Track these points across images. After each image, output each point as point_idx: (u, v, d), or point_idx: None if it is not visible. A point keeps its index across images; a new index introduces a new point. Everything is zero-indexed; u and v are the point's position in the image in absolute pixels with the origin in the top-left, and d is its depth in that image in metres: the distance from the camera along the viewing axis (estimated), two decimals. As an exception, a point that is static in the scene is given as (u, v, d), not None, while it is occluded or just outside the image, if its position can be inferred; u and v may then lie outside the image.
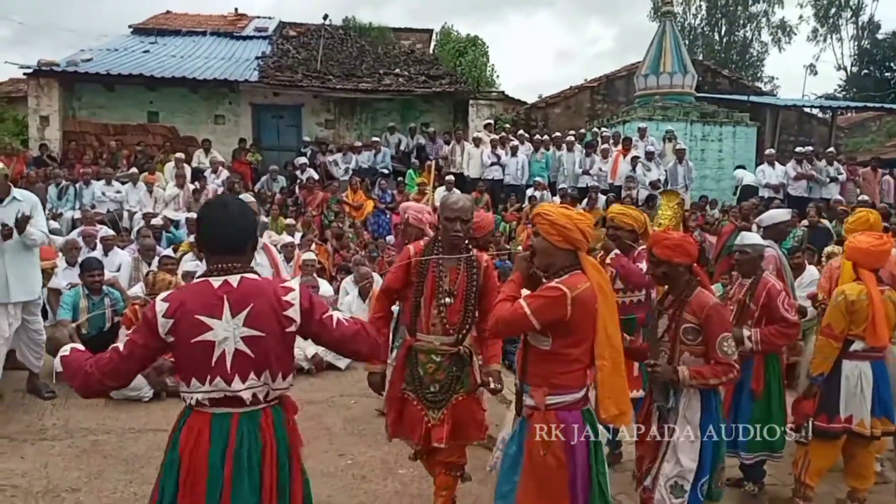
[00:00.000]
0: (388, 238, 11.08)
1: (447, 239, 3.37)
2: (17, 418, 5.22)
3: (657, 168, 13.19)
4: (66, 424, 5.17)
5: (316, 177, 13.44)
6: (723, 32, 33.96)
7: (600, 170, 13.34)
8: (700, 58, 24.54)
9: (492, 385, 3.47)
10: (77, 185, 11.35)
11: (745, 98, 17.24)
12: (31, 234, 5.01)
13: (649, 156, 13.21)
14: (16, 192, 5.31)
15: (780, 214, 5.39)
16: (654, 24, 20.39)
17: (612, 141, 13.89)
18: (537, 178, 13.01)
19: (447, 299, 3.37)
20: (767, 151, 13.85)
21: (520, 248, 10.73)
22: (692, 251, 3.26)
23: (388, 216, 12.31)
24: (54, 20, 60.60)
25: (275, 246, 9.28)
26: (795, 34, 33.20)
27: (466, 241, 3.44)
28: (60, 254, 7.47)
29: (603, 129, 15.17)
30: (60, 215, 10.53)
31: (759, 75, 33.22)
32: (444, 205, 3.42)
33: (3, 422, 5.11)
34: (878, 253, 3.81)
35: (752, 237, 4.29)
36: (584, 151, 13.75)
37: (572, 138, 14.00)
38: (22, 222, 4.77)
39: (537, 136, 14.57)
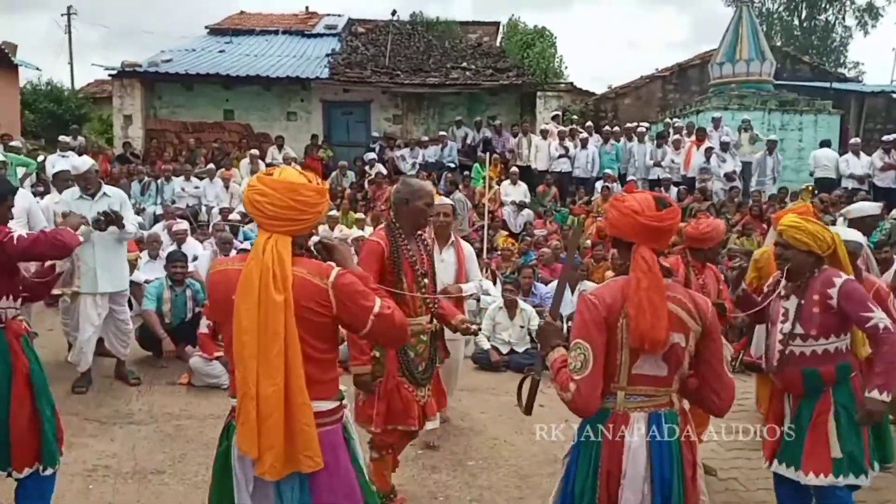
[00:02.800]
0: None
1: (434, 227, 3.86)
2: (107, 403, 5.50)
3: (732, 159, 12.76)
4: (151, 409, 5.42)
5: (384, 172, 13.61)
6: (803, 17, 32.44)
7: (672, 161, 13.00)
8: (779, 44, 23.55)
9: (473, 328, 3.73)
10: (158, 182, 11.87)
11: (827, 85, 16.45)
12: (126, 228, 5.27)
13: (724, 146, 12.78)
14: (105, 188, 5.60)
15: (869, 207, 5.13)
16: (729, 10, 19.70)
17: (684, 131, 13.51)
18: (607, 171, 12.78)
19: (425, 280, 3.56)
20: (852, 140, 13.18)
21: (588, 241, 10.57)
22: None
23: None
24: (137, 24, 63.50)
25: (345, 240, 9.51)
26: (882, 16, 31.40)
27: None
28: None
29: (675, 119, 14.76)
30: (143, 210, 11.03)
31: (842, 61, 31.61)
32: (424, 194, 3.61)
33: (93, 406, 5.40)
34: None
35: (851, 233, 3.92)
36: (655, 142, 13.44)
37: (643, 129, 13.69)
38: (117, 219, 5.02)
39: (606, 128, 14.32)
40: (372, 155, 14.30)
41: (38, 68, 21.37)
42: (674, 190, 12.10)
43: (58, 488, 3.96)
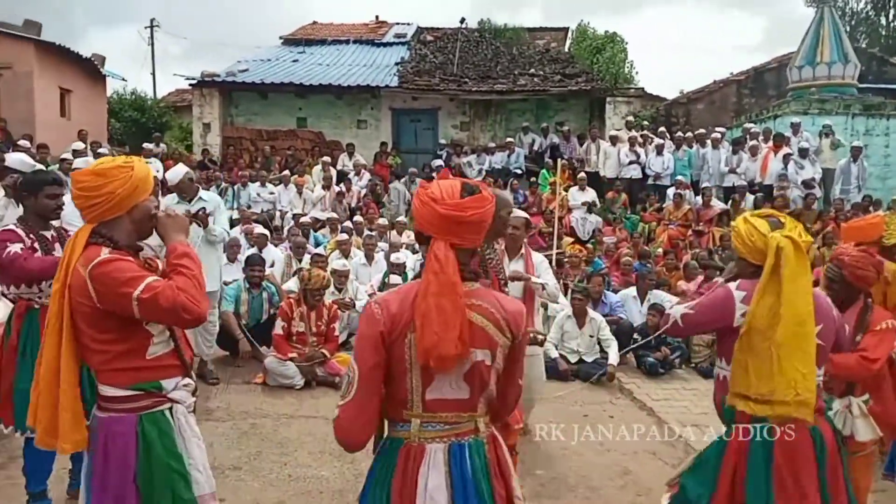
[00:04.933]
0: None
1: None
2: (188, 399, 5.74)
3: (812, 166, 12.24)
4: (229, 407, 5.62)
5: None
6: (891, 17, 30.89)
7: (748, 168, 12.60)
8: (864, 45, 22.49)
9: (539, 338, 3.82)
10: (235, 187, 12.29)
11: (917, 87, 15.60)
12: (214, 230, 5.51)
13: (803, 153, 12.28)
14: (202, 192, 5.87)
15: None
16: (809, 11, 18.93)
17: (761, 137, 13.06)
18: (679, 177, 12.49)
19: (506, 288, 3.68)
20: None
21: (659, 249, 10.35)
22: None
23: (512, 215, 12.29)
24: (216, 35, 66.03)
25: (412, 246, 9.61)
26: (979, 13, 29.58)
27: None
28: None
29: (751, 124, 14.30)
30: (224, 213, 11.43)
31: (933, 62, 29.89)
32: (506, 203, 3.64)
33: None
34: None
35: None
36: (730, 148, 13.05)
37: (718, 135, 13.31)
38: (203, 217, 5.25)
39: (679, 133, 14.01)
40: (439, 161, 14.40)
41: (123, 79, 22.54)
42: (750, 198, 11.72)
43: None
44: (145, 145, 13.04)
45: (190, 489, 2.31)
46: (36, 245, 3.45)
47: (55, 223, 3.63)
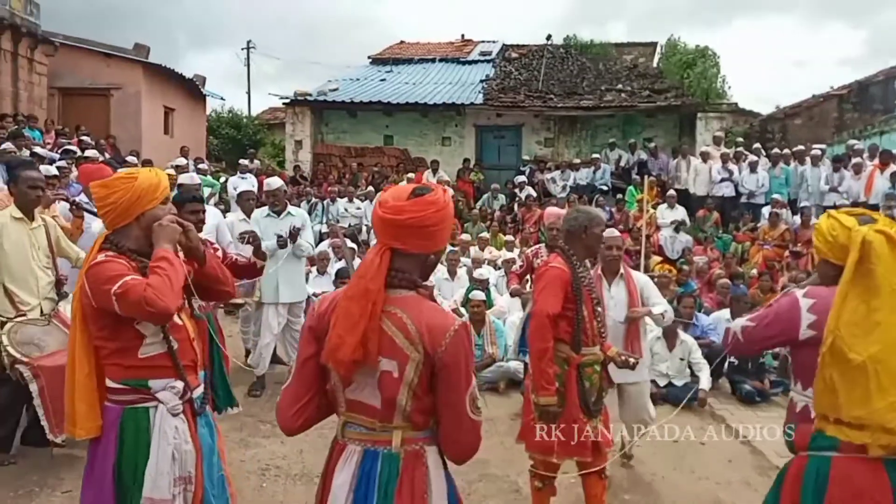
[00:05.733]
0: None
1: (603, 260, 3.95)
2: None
3: (924, 184, 11.46)
4: (316, 416, 5.75)
5: (534, 194, 13.63)
6: None
7: (851, 187, 11.92)
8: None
9: (631, 361, 3.62)
10: (324, 202, 12.67)
11: None
12: (301, 245, 5.71)
13: (914, 170, 11.51)
14: (291, 207, 6.12)
15: None
16: (920, 20, 17.76)
17: (866, 154, 12.34)
18: (775, 196, 11.96)
19: (599, 308, 3.53)
20: None
21: (753, 271, 9.93)
22: None
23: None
24: (308, 56, 68.61)
25: (494, 262, 9.61)
26: None
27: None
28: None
29: (855, 141, 13.55)
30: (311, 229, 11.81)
31: None
32: (600, 221, 3.62)
33: (267, 409, 5.81)
34: None
35: None
36: (831, 166, 12.39)
37: (818, 152, 12.68)
38: (293, 234, 5.45)
39: (775, 150, 13.43)
40: (522, 178, 14.38)
41: (222, 98, 23.74)
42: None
43: (236, 484, 4.32)
44: (241, 161, 13.63)
45: (139, 488, 2.40)
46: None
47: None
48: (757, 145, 13.79)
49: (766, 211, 11.74)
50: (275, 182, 6.18)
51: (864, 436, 2.10)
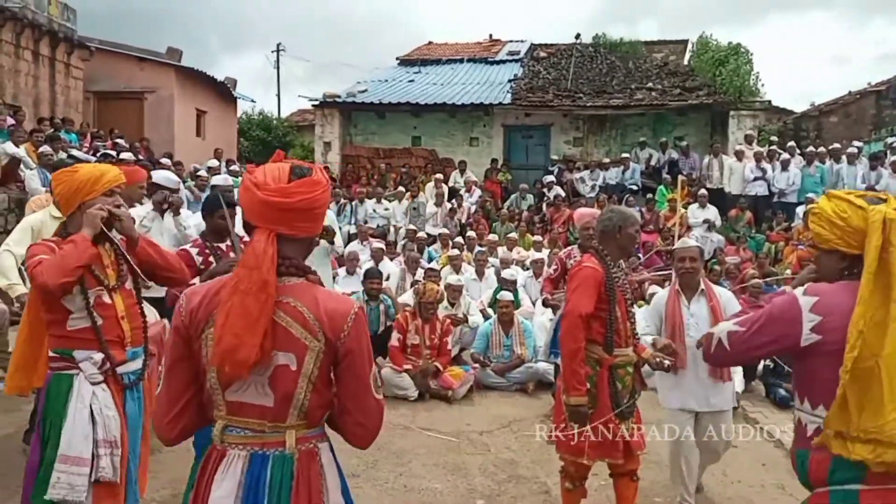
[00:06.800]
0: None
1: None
2: (308, 406, 5.98)
3: (966, 182, 11.17)
4: (346, 415, 5.79)
5: (563, 194, 13.55)
6: None
7: (889, 185, 11.64)
8: None
9: (666, 363, 3.57)
10: (353, 203, 12.76)
11: None
12: (336, 242, 5.76)
13: (955, 168, 11.23)
14: None
15: None
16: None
17: (905, 152, 12.07)
18: (810, 195, 11.73)
19: (632, 308, 3.49)
20: None
21: (787, 271, 9.73)
22: None
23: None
24: (336, 57, 69.18)
25: (522, 262, 9.58)
26: None
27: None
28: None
29: (893, 138, 13.23)
30: (339, 230, 11.89)
31: None
32: (635, 220, 3.61)
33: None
34: None
35: None
36: (868, 164, 12.13)
37: (855, 150, 12.41)
38: (328, 235, 5.51)
39: (811, 148, 13.17)
40: (550, 178, 14.31)
41: (252, 100, 24.07)
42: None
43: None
44: (271, 163, 13.75)
45: (57, 445, 2.64)
46: (211, 258, 3.87)
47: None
48: (791, 143, 13.54)
49: (800, 210, 11.53)
50: None
51: (866, 450, 1.78)
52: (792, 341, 1.91)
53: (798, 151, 13.10)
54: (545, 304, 6.09)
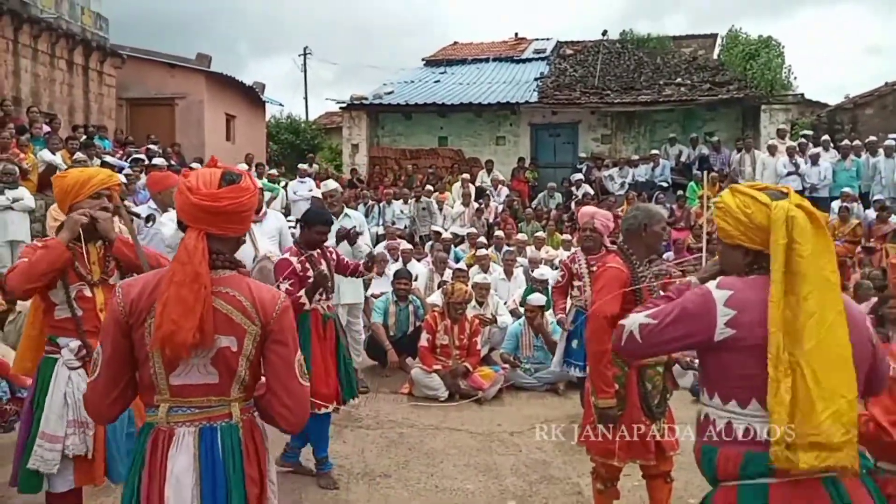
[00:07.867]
0: (665, 255, 10.64)
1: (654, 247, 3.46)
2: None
3: None
4: (377, 416, 5.82)
5: (591, 192, 13.44)
6: None
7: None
8: None
9: (697, 362, 3.48)
10: (380, 204, 12.79)
11: None
12: (360, 246, 5.79)
13: None
14: (347, 210, 6.26)
15: None
16: None
17: (944, 143, 11.74)
18: (845, 189, 11.48)
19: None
20: None
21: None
22: None
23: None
24: (363, 59, 69.59)
25: (551, 261, 9.51)
26: None
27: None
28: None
29: (931, 130, 12.89)
30: (367, 231, 11.93)
31: None
32: (661, 218, 3.51)
33: (328, 409, 5.93)
34: None
35: None
36: (906, 157, 11.83)
37: (892, 142, 12.11)
38: (354, 236, 5.53)
39: (845, 142, 12.89)
40: (578, 175, 14.20)
41: (280, 104, 24.28)
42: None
43: (299, 481, 4.43)
44: (300, 166, 13.88)
45: (40, 422, 2.94)
46: (307, 264, 4.20)
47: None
48: (825, 137, 13.25)
49: (835, 205, 11.28)
50: (331, 183, 6.44)
51: (811, 457, 1.71)
52: (706, 336, 1.87)
53: (832, 145, 12.82)
54: (560, 325, 5.91)
